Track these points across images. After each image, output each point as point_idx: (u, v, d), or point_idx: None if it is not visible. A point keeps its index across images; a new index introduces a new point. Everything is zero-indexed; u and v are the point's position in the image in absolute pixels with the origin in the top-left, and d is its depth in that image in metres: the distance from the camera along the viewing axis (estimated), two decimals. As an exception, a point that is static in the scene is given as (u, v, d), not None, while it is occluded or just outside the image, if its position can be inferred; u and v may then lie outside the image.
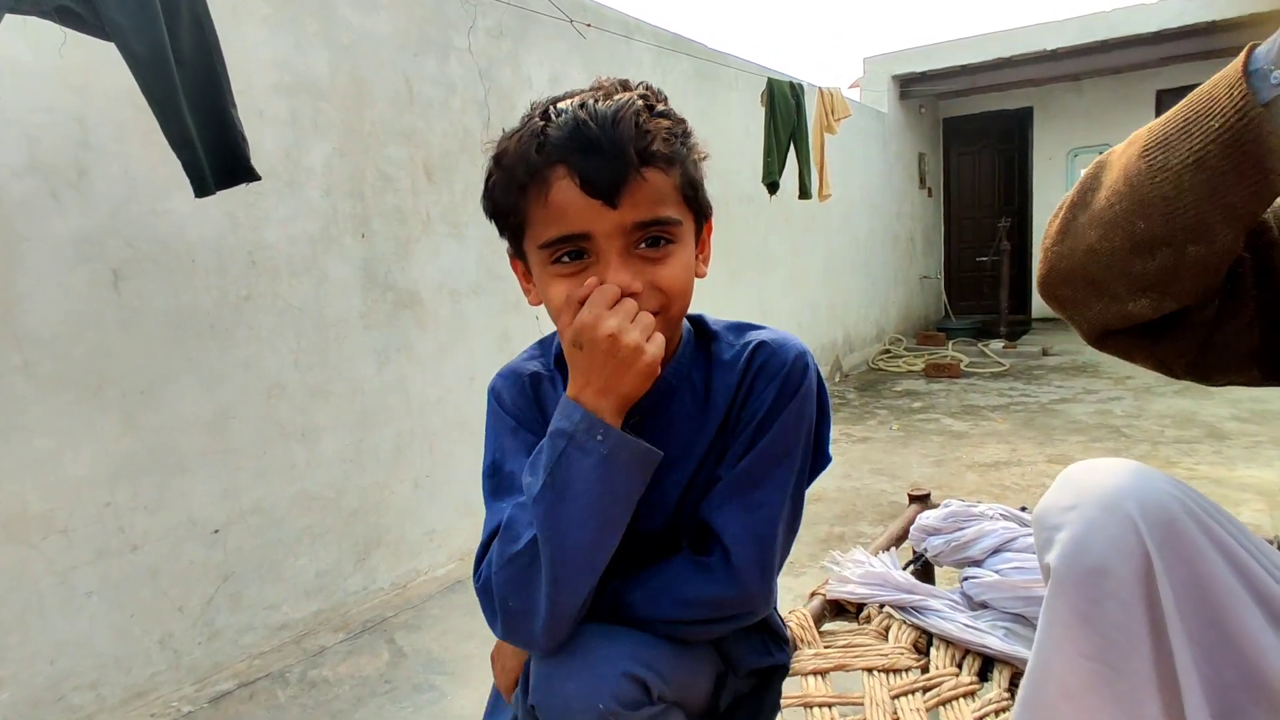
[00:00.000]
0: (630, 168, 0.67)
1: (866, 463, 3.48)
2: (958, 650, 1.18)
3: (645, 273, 0.71)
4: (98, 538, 1.75)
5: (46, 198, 1.67)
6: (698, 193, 0.76)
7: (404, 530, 2.45)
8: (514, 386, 0.84)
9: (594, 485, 0.68)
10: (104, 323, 1.76)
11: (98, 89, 1.73)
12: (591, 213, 0.68)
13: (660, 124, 0.71)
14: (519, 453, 0.79)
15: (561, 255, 0.71)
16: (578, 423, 0.69)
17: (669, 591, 0.75)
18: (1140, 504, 0.62)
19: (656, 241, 0.71)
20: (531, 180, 0.70)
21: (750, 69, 4.30)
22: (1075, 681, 0.64)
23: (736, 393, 0.79)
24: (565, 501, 0.68)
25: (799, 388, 0.78)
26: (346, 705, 1.81)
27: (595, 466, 0.68)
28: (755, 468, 0.76)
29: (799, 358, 0.79)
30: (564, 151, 0.68)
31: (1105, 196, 0.68)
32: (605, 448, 0.68)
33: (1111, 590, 0.62)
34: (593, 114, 0.68)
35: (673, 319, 0.75)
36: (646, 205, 0.69)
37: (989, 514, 1.38)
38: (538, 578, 0.69)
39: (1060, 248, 0.72)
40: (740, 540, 0.74)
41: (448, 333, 2.60)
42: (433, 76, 2.53)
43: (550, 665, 0.73)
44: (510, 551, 0.70)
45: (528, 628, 0.70)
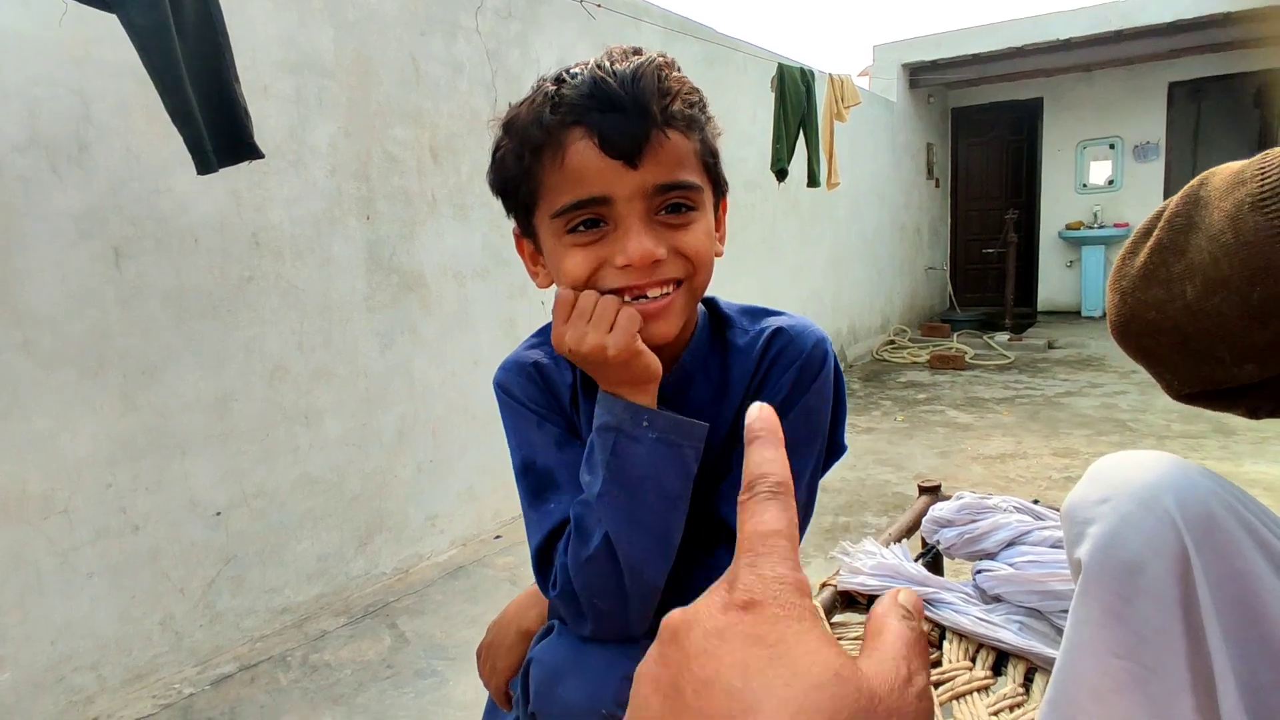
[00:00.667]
0: (653, 125, 0.64)
1: (871, 453, 3.46)
2: (971, 644, 1.16)
3: (667, 239, 0.67)
4: (98, 518, 1.73)
5: (47, 173, 1.64)
6: (717, 162, 0.73)
7: (406, 515, 2.44)
8: (521, 377, 0.80)
9: (653, 469, 0.68)
10: (104, 301, 1.73)
11: (99, 62, 1.70)
12: (611, 174, 0.64)
13: (682, 84, 0.67)
14: (548, 446, 0.76)
15: (578, 223, 0.67)
16: (620, 414, 0.68)
17: (673, 588, 0.72)
18: (1179, 498, 0.59)
19: (678, 208, 0.68)
20: (546, 143, 0.66)
21: (761, 54, 4.25)
22: (1105, 681, 0.62)
23: (752, 380, 0.76)
24: (629, 492, 0.68)
25: (817, 376, 0.75)
26: (348, 689, 1.80)
27: (650, 451, 0.68)
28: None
29: (817, 345, 0.76)
30: (582, 110, 0.64)
31: (1208, 248, 0.57)
32: (654, 431, 0.68)
33: (1146, 587, 0.59)
34: (611, 72, 0.64)
35: (696, 289, 0.71)
36: (669, 167, 0.66)
37: (1003, 506, 1.35)
38: (619, 572, 0.68)
39: (1146, 295, 0.61)
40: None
41: (452, 317, 2.57)
42: (440, 56, 2.49)
43: (549, 671, 0.71)
44: (585, 554, 0.68)
45: (620, 621, 0.69)
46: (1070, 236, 7.50)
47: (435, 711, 1.70)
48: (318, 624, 2.11)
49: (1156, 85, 7.02)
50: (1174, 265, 0.59)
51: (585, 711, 0.67)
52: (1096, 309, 7.39)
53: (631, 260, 0.65)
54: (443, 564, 2.48)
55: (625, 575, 0.67)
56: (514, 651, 0.86)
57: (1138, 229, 0.65)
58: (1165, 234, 0.61)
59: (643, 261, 0.65)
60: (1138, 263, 0.62)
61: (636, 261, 0.65)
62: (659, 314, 0.68)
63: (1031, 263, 7.81)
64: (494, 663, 0.88)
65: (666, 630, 0.27)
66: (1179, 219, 0.60)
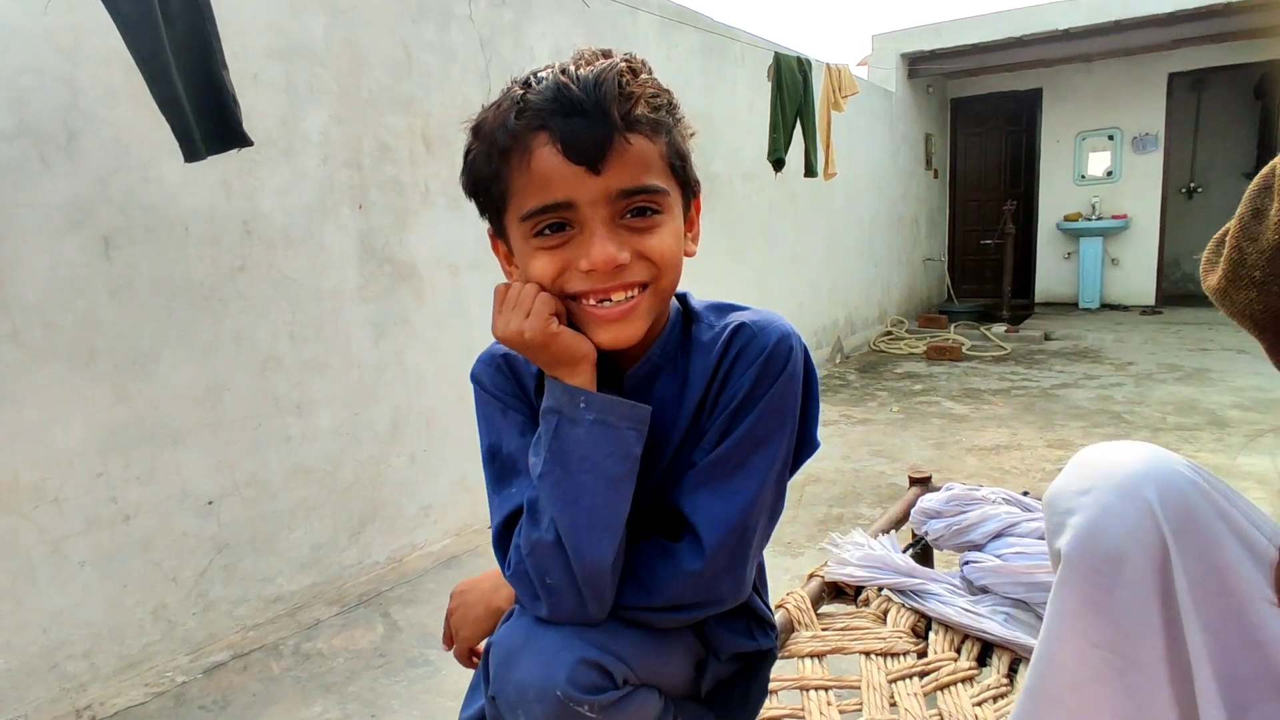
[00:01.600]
0: (614, 131, 0.65)
1: (866, 444, 3.46)
2: (957, 635, 1.16)
3: (632, 243, 0.69)
4: (89, 508, 1.73)
5: (36, 162, 1.63)
6: (685, 165, 0.73)
7: (400, 505, 2.44)
8: (491, 368, 0.84)
9: (591, 449, 0.69)
10: (95, 291, 1.73)
11: (87, 50, 1.68)
12: (575, 180, 0.66)
13: (645, 88, 0.68)
14: (512, 432, 0.79)
15: (544, 227, 0.68)
16: (560, 396, 0.70)
17: (633, 577, 0.73)
18: (1159, 490, 0.59)
19: (643, 212, 0.69)
20: (513, 147, 0.67)
21: (758, 43, 4.23)
22: (1084, 671, 0.62)
23: (713, 377, 0.76)
24: (568, 472, 0.69)
25: (780, 372, 0.74)
26: (340, 678, 1.80)
27: (588, 432, 0.69)
28: (731, 454, 0.73)
29: (781, 340, 0.75)
30: (545, 115, 0.66)
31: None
32: (592, 413, 0.70)
33: (1125, 578, 0.59)
34: (574, 78, 0.66)
35: (663, 291, 0.73)
36: (631, 172, 0.67)
37: (991, 498, 1.36)
38: (565, 553, 0.69)
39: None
40: (710, 527, 0.72)
41: (445, 307, 2.57)
42: (432, 44, 2.47)
43: (505, 654, 0.72)
44: (536, 534, 0.70)
45: (572, 602, 0.70)
46: (1068, 228, 7.49)
47: (427, 700, 1.71)
48: (310, 613, 2.12)
49: (1156, 76, 6.99)
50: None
51: (538, 691, 0.68)
52: (1093, 301, 7.39)
53: (595, 265, 0.67)
54: (436, 553, 2.48)
55: (570, 553, 0.68)
56: (480, 625, 0.89)
57: (1245, 210, 0.59)
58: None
59: (605, 266, 0.67)
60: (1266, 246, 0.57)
61: (599, 266, 0.67)
62: (622, 318, 0.70)
63: (1029, 254, 7.80)
64: (458, 630, 0.90)
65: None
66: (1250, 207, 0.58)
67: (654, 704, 0.75)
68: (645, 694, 0.73)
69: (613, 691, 0.69)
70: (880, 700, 1.02)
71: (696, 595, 0.72)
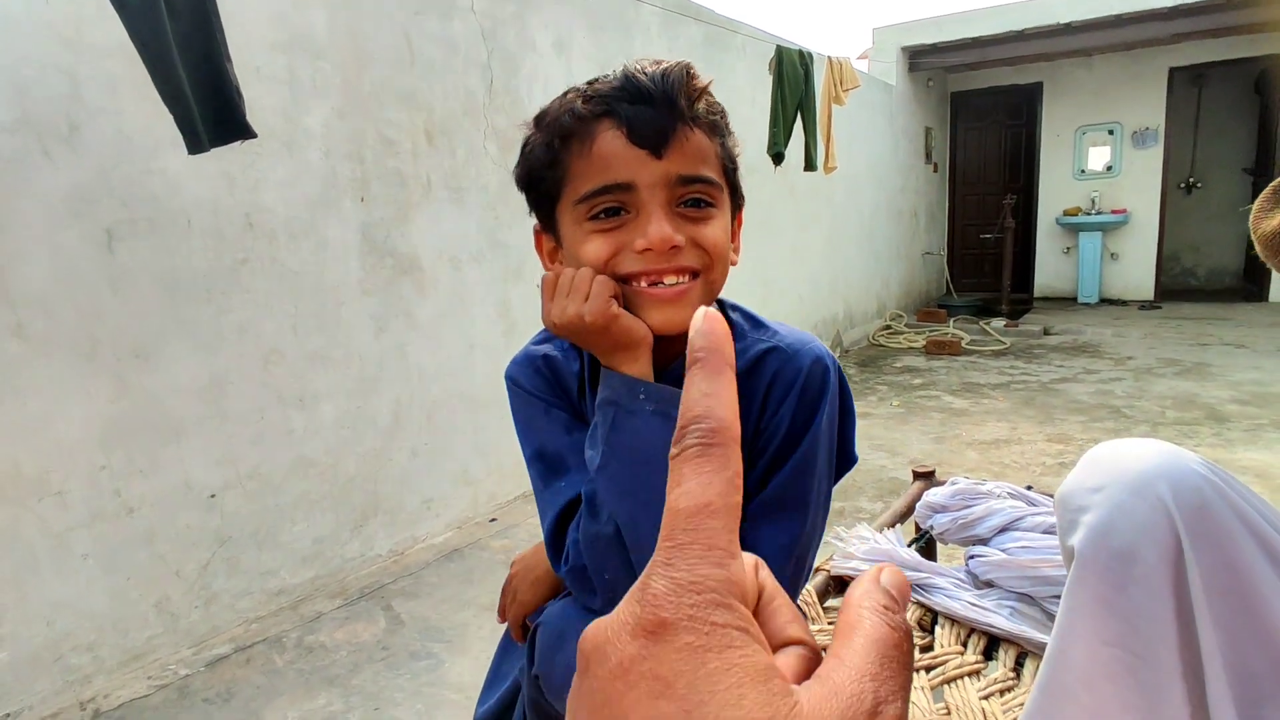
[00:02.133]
0: (678, 120, 0.67)
1: (866, 439, 3.47)
2: (963, 629, 1.16)
3: (686, 230, 0.69)
4: (93, 500, 1.73)
5: (38, 154, 1.63)
6: (735, 171, 0.75)
7: (402, 498, 2.44)
8: (529, 369, 0.83)
9: (650, 441, 0.69)
10: (96, 284, 1.72)
11: (89, 42, 1.67)
12: (636, 163, 0.67)
13: (707, 87, 0.71)
14: (557, 430, 0.78)
15: (600, 210, 0.69)
16: (617, 387, 0.70)
17: None
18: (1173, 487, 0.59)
19: (697, 203, 0.70)
20: (576, 132, 0.69)
21: (759, 36, 4.21)
22: (1096, 668, 0.62)
23: (745, 399, 0.76)
24: (626, 464, 0.69)
25: (819, 398, 0.75)
26: (343, 671, 1.81)
27: (646, 423, 0.69)
28: (786, 488, 0.74)
29: (815, 364, 0.76)
30: (612, 101, 0.68)
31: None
32: (650, 403, 0.69)
33: (1139, 576, 0.60)
34: (642, 70, 0.68)
35: (712, 284, 0.73)
36: (690, 160, 0.68)
37: (996, 492, 1.36)
38: (625, 546, 0.69)
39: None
40: (776, 560, 0.73)
41: (448, 300, 2.56)
42: (434, 36, 2.46)
43: (556, 635, 0.73)
44: (594, 528, 0.70)
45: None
46: (1068, 223, 7.48)
47: (430, 693, 1.71)
48: (313, 606, 2.12)
49: (1157, 70, 6.98)
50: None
51: None
52: (1092, 296, 7.39)
53: (651, 243, 0.67)
54: (438, 546, 2.49)
55: (629, 548, 0.69)
56: (539, 587, 0.87)
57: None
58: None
59: (662, 246, 0.67)
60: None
61: (656, 245, 0.67)
62: (675, 299, 0.70)
63: (1029, 248, 7.80)
64: (516, 593, 0.89)
65: (581, 656, 0.22)
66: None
67: None
68: None
69: None
70: (887, 694, 1.02)
71: None
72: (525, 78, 2.79)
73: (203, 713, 1.68)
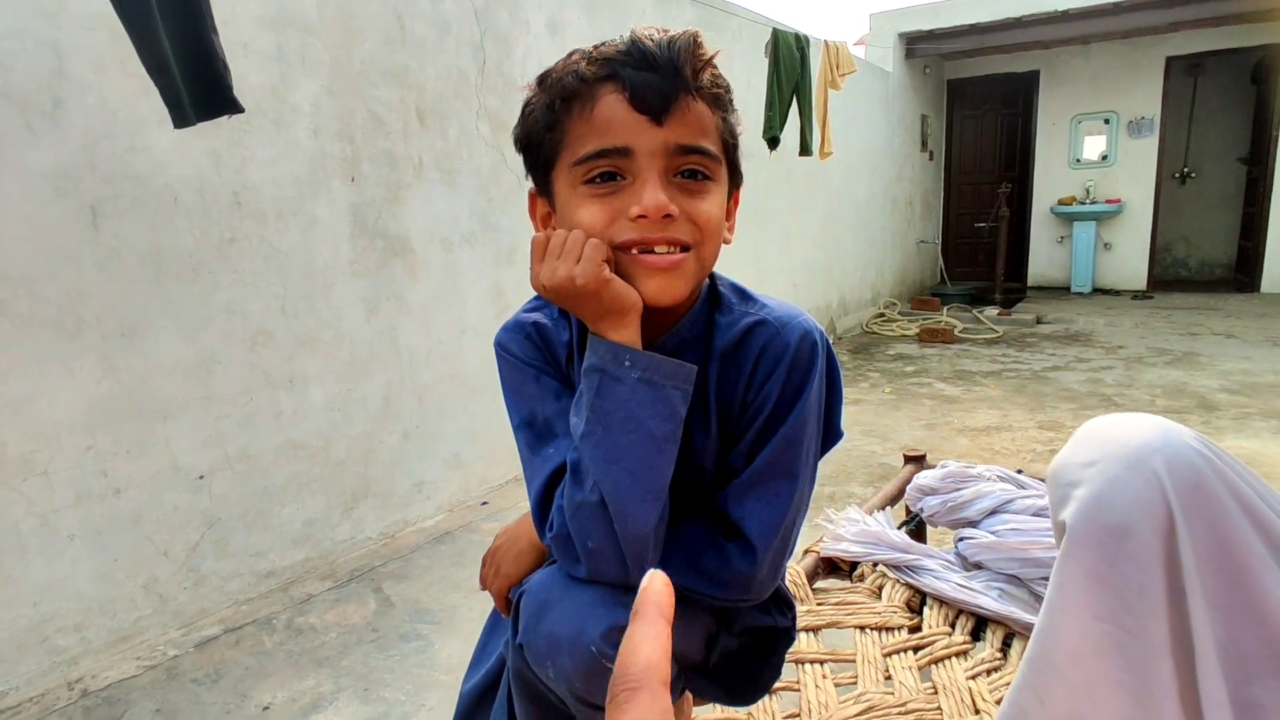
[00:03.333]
0: (682, 88, 0.67)
1: (858, 424, 3.47)
2: (951, 610, 1.17)
3: (681, 201, 0.68)
4: (79, 481, 1.72)
5: (20, 129, 1.60)
6: (735, 149, 0.74)
7: (393, 481, 2.43)
8: (519, 336, 0.81)
9: (636, 408, 0.68)
10: (81, 262, 1.70)
11: (72, 14, 1.64)
12: (636, 128, 0.66)
13: (713, 58, 0.71)
14: (547, 398, 0.77)
15: (596, 174, 0.68)
16: (603, 354, 0.69)
17: (683, 557, 0.74)
18: (1168, 461, 0.59)
19: (694, 175, 0.69)
20: (579, 93, 0.68)
21: (756, 19, 4.18)
22: (1085, 644, 0.62)
23: (738, 372, 0.76)
24: (611, 431, 0.68)
25: (807, 372, 0.75)
26: (333, 653, 1.80)
27: (633, 390, 0.68)
28: (773, 461, 0.74)
29: (804, 338, 0.75)
30: (617, 65, 0.67)
31: None
32: (636, 371, 0.68)
33: (1130, 551, 0.59)
34: (649, 35, 0.68)
35: (704, 259, 0.72)
36: (691, 130, 0.68)
37: (986, 475, 1.36)
38: (609, 515, 0.68)
39: None
40: (761, 535, 0.73)
41: (439, 283, 2.54)
42: (426, 14, 2.43)
43: (539, 604, 0.72)
44: (579, 496, 0.69)
45: (613, 565, 0.70)
46: (1062, 212, 7.49)
47: (420, 674, 1.71)
48: (303, 587, 2.11)
49: (1154, 59, 6.96)
50: None
51: (570, 644, 0.68)
52: (1085, 285, 7.41)
53: (646, 210, 0.66)
54: (429, 529, 2.48)
55: (613, 516, 0.68)
56: (523, 559, 0.86)
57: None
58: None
59: (656, 213, 0.66)
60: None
61: (650, 212, 0.66)
62: (667, 269, 0.69)
63: (1023, 237, 7.81)
64: (499, 566, 0.88)
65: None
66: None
67: (672, 668, 0.75)
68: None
69: None
70: (875, 674, 1.02)
71: (743, 592, 0.74)
72: (519, 59, 2.76)
73: (191, 693, 1.67)
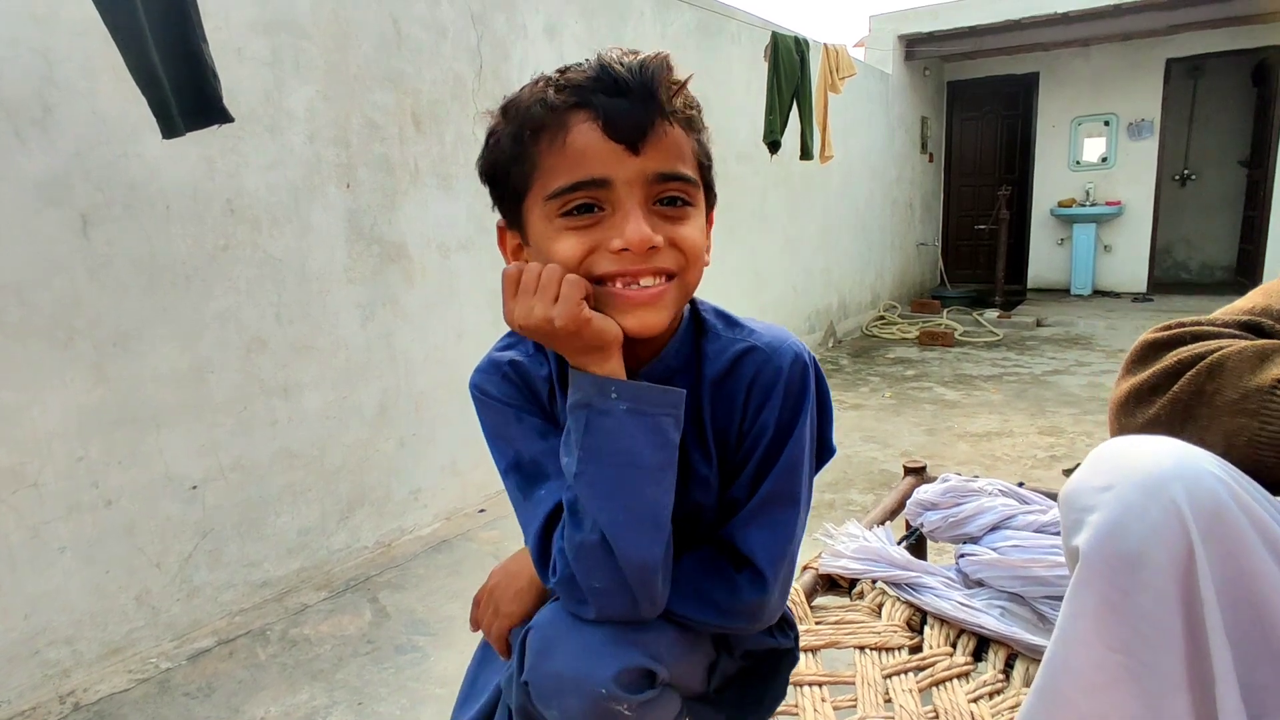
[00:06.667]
0: (656, 114, 0.65)
1: (858, 430, 3.45)
2: (952, 629, 1.15)
3: (663, 230, 0.66)
4: (70, 492, 1.70)
5: (10, 136, 1.58)
6: (710, 169, 0.73)
7: (389, 489, 2.41)
8: (496, 376, 0.78)
9: (627, 440, 0.66)
10: (73, 270, 1.68)
11: (63, 20, 1.62)
12: (613, 158, 0.64)
13: (685, 81, 0.69)
14: (531, 437, 0.75)
15: (573, 207, 0.65)
16: (588, 388, 0.67)
17: (693, 590, 0.73)
18: (1188, 489, 0.57)
19: (674, 201, 0.67)
20: (548, 123, 0.65)
21: (755, 22, 4.16)
22: (1099, 675, 0.60)
23: (726, 401, 0.75)
24: (605, 467, 0.66)
25: (800, 397, 0.74)
26: (328, 665, 1.78)
27: (621, 422, 0.66)
28: (776, 490, 0.73)
29: (794, 362, 0.74)
30: (587, 92, 0.64)
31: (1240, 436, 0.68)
32: (624, 402, 0.66)
33: (1146, 580, 0.57)
34: (619, 60, 0.65)
35: (687, 285, 0.70)
36: (668, 157, 0.66)
37: (988, 490, 1.34)
38: (612, 553, 0.66)
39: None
40: (770, 563, 0.72)
41: (436, 289, 2.52)
42: (422, 18, 2.41)
43: (545, 642, 0.70)
44: (579, 536, 0.67)
45: (620, 603, 0.68)
46: (1062, 214, 7.47)
47: (415, 687, 1.69)
48: (298, 598, 2.09)
49: (1153, 61, 6.95)
50: (1212, 416, 0.70)
51: (576, 686, 0.66)
52: (1085, 287, 7.40)
53: (629, 244, 0.64)
54: (425, 538, 2.46)
55: (616, 554, 0.66)
56: (523, 597, 0.83)
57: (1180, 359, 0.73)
58: (1190, 384, 0.72)
59: (640, 246, 0.64)
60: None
61: (634, 246, 0.64)
62: (651, 302, 0.67)
63: (1023, 240, 7.79)
64: (498, 606, 0.84)
65: None
66: (1186, 397, 0.71)
67: (676, 703, 0.75)
68: (671, 693, 0.74)
69: (651, 691, 0.69)
70: (875, 696, 1.00)
71: (753, 620, 0.74)
72: (516, 63, 2.74)
73: (183, 707, 1.65)
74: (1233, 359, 0.69)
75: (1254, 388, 0.66)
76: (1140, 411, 0.72)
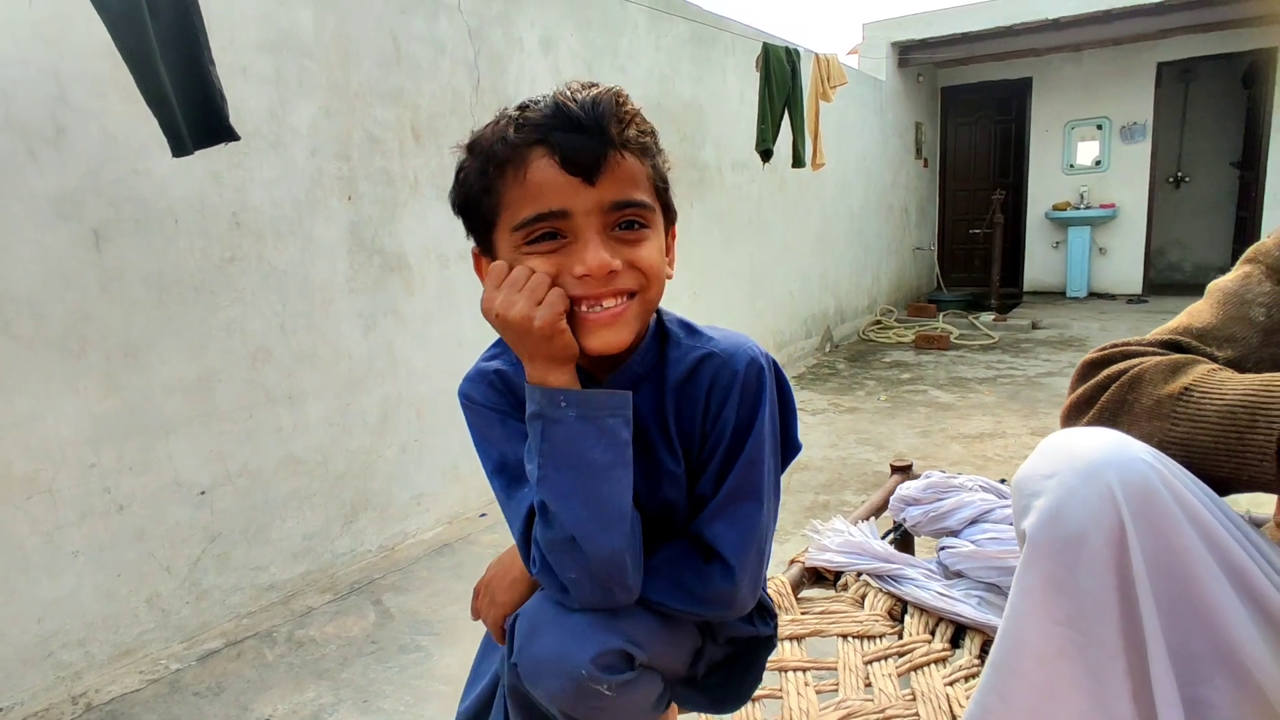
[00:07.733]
0: (609, 147, 0.69)
1: (853, 433, 3.50)
2: (931, 618, 1.20)
3: (621, 253, 0.72)
4: (83, 499, 1.75)
5: (24, 156, 1.64)
6: (667, 190, 0.78)
7: (391, 494, 2.46)
8: (483, 384, 0.85)
9: (578, 443, 0.71)
10: (85, 283, 1.74)
11: (73, 41, 1.68)
12: (570, 190, 0.69)
13: (637, 113, 0.73)
14: (515, 440, 0.80)
15: (537, 235, 0.71)
16: (541, 400, 0.72)
17: (668, 579, 0.78)
18: (1120, 474, 0.62)
19: (631, 225, 0.73)
20: (510, 160, 0.71)
21: (747, 33, 4.23)
22: (1047, 647, 0.65)
23: (689, 404, 0.80)
24: (561, 469, 0.71)
25: (757, 397, 0.78)
26: (333, 665, 1.83)
27: (569, 429, 0.71)
28: (738, 485, 0.78)
29: (750, 365, 0.79)
30: (544, 130, 0.69)
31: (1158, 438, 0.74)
32: (573, 410, 0.72)
33: (1086, 559, 0.62)
34: (572, 98, 0.70)
35: (649, 302, 0.76)
36: (623, 186, 0.71)
37: (968, 485, 1.39)
38: (578, 546, 0.72)
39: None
40: (736, 554, 0.77)
41: (436, 298, 2.58)
42: (421, 35, 2.48)
43: (531, 627, 0.76)
44: (549, 534, 0.73)
45: (595, 593, 0.73)
46: (1057, 217, 7.53)
47: (419, 684, 1.74)
48: (303, 601, 2.14)
49: (1145, 65, 7.02)
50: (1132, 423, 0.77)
51: (557, 667, 0.72)
52: (1080, 290, 7.45)
53: (590, 270, 0.70)
54: (428, 541, 2.51)
55: (582, 549, 0.71)
56: (516, 587, 0.88)
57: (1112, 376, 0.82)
58: (1113, 396, 0.81)
59: (600, 271, 0.70)
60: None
61: (594, 271, 0.70)
62: (613, 321, 0.72)
63: (1018, 243, 7.85)
64: (494, 596, 0.90)
65: None
66: (1111, 406, 0.80)
67: (657, 685, 0.80)
68: (651, 675, 0.79)
69: (630, 672, 0.74)
70: (856, 681, 1.05)
71: (725, 608, 0.78)
72: (512, 77, 2.80)
73: (193, 706, 1.70)
74: (1149, 372, 0.78)
75: (1165, 395, 0.74)
76: (1078, 421, 0.82)
